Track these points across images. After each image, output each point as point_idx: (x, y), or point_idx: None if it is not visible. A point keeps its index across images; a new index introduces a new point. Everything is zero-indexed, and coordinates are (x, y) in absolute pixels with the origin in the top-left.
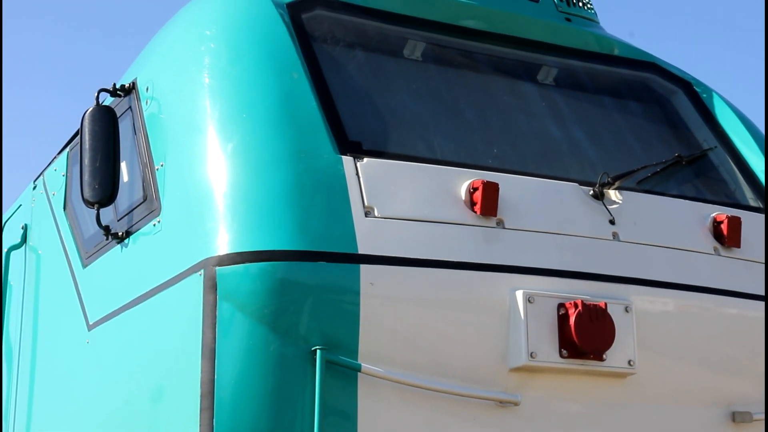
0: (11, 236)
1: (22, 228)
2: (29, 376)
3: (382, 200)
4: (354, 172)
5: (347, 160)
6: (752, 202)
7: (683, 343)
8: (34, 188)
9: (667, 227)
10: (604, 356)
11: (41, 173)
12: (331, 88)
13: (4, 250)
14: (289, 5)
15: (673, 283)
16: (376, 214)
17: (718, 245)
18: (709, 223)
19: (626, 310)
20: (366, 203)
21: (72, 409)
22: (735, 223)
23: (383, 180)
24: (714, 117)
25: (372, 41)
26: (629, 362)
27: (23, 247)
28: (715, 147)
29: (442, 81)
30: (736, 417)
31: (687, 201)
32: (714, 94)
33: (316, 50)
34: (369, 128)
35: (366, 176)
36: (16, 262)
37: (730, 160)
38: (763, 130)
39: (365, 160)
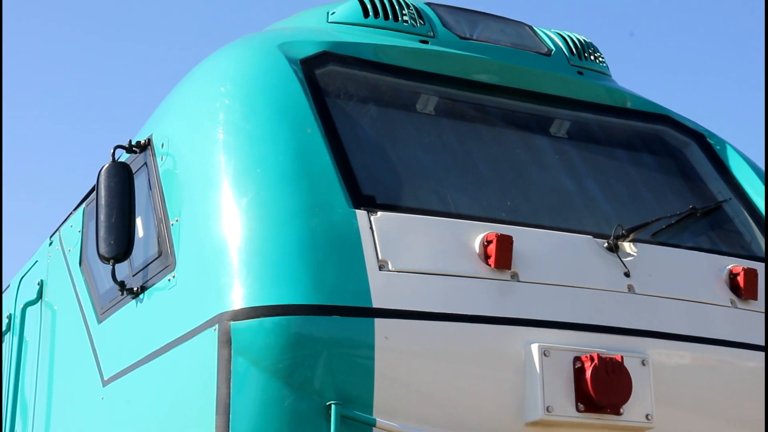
0: (27, 292)
1: (38, 284)
2: None
3: (396, 254)
4: (368, 225)
5: (361, 214)
6: None
7: (701, 397)
8: (50, 244)
9: (683, 280)
10: (622, 410)
11: (57, 229)
12: (345, 143)
13: (20, 306)
14: (302, 61)
15: (690, 336)
16: (390, 267)
17: (734, 297)
18: (725, 275)
19: (643, 364)
20: (380, 257)
21: None
22: (751, 275)
23: (397, 233)
24: (728, 169)
25: (385, 96)
26: (647, 416)
27: (39, 303)
28: (730, 199)
29: (455, 135)
30: None
31: (702, 253)
32: (727, 146)
33: (329, 105)
34: (383, 182)
35: (380, 230)
36: (31, 318)
37: (745, 212)
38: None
39: (379, 213)
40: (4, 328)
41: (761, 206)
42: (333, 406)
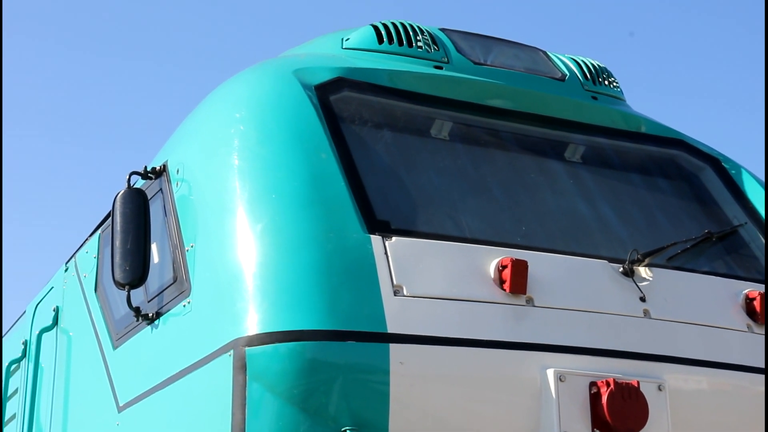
0: (43, 318)
1: (54, 310)
2: None
3: (410, 279)
4: (382, 251)
5: (376, 239)
6: None
7: (719, 423)
8: (66, 270)
9: (699, 304)
10: None
11: (73, 255)
12: (359, 168)
13: (36, 333)
14: (317, 87)
15: (706, 361)
16: (405, 292)
17: (751, 322)
18: (741, 299)
19: (659, 389)
20: (395, 282)
21: None
22: None
23: (412, 259)
24: (743, 193)
25: (399, 121)
26: None
27: (55, 329)
28: (746, 223)
29: (470, 160)
30: None
31: (718, 278)
32: (742, 170)
33: (344, 131)
34: (397, 207)
35: (394, 255)
36: (47, 344)
37: (761, 236)
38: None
39: (393, 239)
40: (20, 355)
41: None
42: (348, 431)
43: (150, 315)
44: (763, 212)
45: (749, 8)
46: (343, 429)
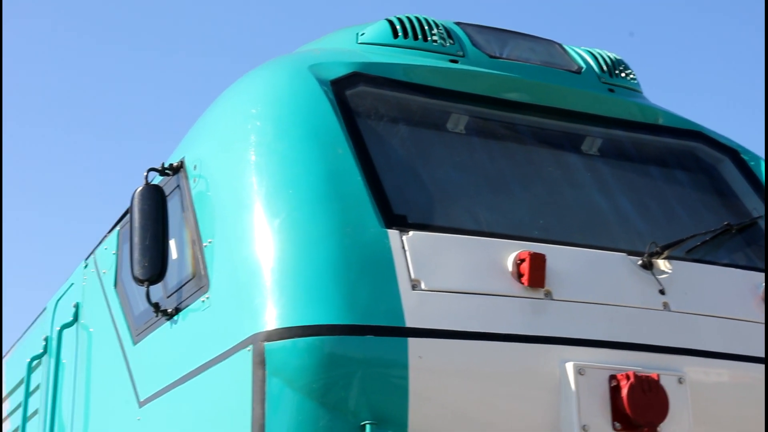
0: (63, 315)
1: (74, 306)
2: None
3: (428, 273)
4: (400, 245)
5: (393, 234)
6: None
7: (740, 416)
8: (86, 267)
9: (719, 297)
10: (659, 429)
11: (92, 252)
12: (376, 163)
13: (57, 328)
14: (332, 82)
15: (727, 353)
16: (423, 287)
17: None
18: (761, 291)
19: (680, 382)
20: (413, 276)
21: None
22: None
23: (429, 253)
24: (762, 184)
25: (415, 115)
26: None
27: (75, 325)
28: (765, 214)
29: (486, 153)
30: None
31: (738, 270)
32: (761, 162)
33: (360, 125)
34: (414, 201)
35: (412, 249)
36: (68, 340)
37: None
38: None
39: (411, 233)
40: (41, 351)
41: None
42: (367, 426)
43: (169, 311)
44: None
45: (749, 8)
46: (362, 423)
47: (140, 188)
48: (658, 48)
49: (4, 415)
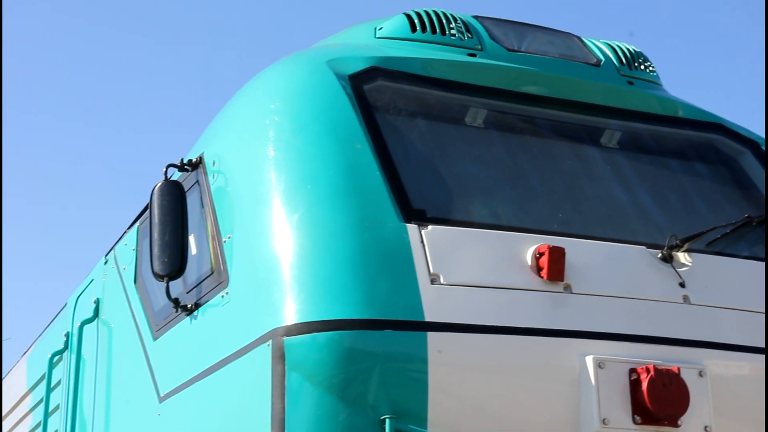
0: (84, 311)
1: (95, 302)
2: None
3: (447, 267)
4: (419, 239)
5: (412, 228)
6: None
7: (760, 408)
8: (106, 263)
9: (740, 289)
10: (679, 422)
11: (112, 248)
12: (394, 157)
13: (78, 324)
14: (351, 76)
15: (748, 346)
16: (442, 281)
17: None
18: None
19: (700, 375)
20: (431, 270)
21: None
22: None
23: (448, 247)
24: None
25: (434, 110)
26: (705, 428)
27: (96, 321)
28: None
29: (505, 147)
30: None
31: (759, 262)
32: None
33: (378, 120)
34: (433, 196)
35: (431, 243)
36: (89, 336)
37: None
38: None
39: (430, 227)
40: (62, 346)
41: None
42: (387, 420)
43: (189, 306)
44: None
45: (749, 8)
46: (382, 418)
47: (159, 184)
48: (658, 48)
49: (26, 410)
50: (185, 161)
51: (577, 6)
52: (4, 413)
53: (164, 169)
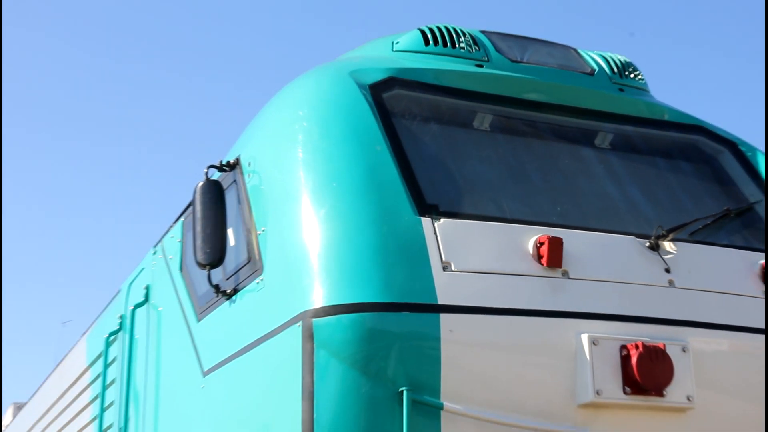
0: (136, 296)
1: (145, 288)
2: (153, 419)
3: (458, 256)
4: (432, 231)
5: (426, 221)
6: None
7: (737, 380)
8: (154, 253)
9: (719, 274)
10: (665, 392)
11: (160, 240)
12: (410, 158)
13: (130, 308)
14: (371, 86)
15: (726, 325)
16: (453, 268)
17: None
18: (757, 269)
19: (683, 351)
20: (444, 259)
21: None
22: None
23: (458, 238)
24: (758, 173)
25: (445, 115)
26: (688, 398)
27: (146, 305)
28: (761, 200)
29: (509, 148)
30: None
31: (736, 250)
32: (757, 152)
33: (395, 125)
34: (445, 192)
35: (443, 235)
36: (140, 318)
37: None
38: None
39: (442, 220)
40: (117, 328)
41: None
42: (405, 392)
43: (228, 291)
44: None
45: (750, 7)
46: (400, 389)
47: (201, 183)
48: (658, 48)
49: (86, 383)
50: (224, 163)
51: (578, 6)
52: (66, 386)
53: (205, 170)
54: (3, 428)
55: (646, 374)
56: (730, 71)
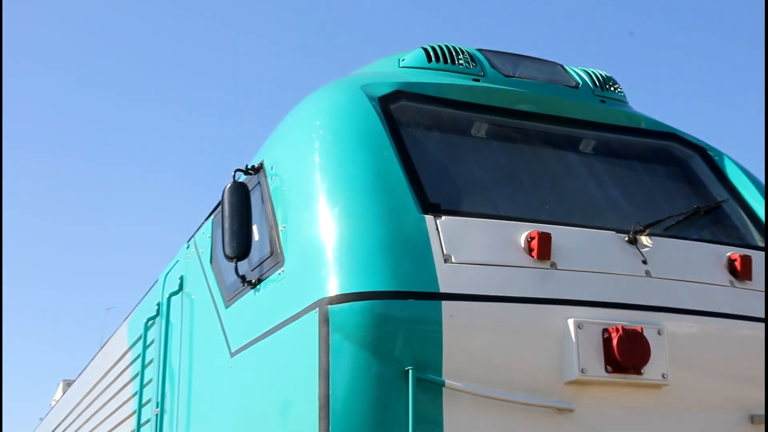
0: (171, 285)
1: (179, 278)
2: (187, 395)
3: (457, 249)
4: (434, 227)
5: (429, 218)
6: (760, 243)
7: (707, 359)
8: (188, 247)
9: (691, 265)
10: (642, 371)
11: (192, 235)
12: (415, 162)
13: (166, 296)
14: (380, 98)
15: (697, 310)
16: (453, 260)
17: (733, 279)
18: (724, 261)
19: (659, 333)
20: (445, 252)
21: (219, 420)
22: (746, 261)
23: (458, 233)
24: (725, 175)
25: (445, 124)
26: (663, 375)
27: (180, 293)
28: (728, 199)
29: (503, 153)
30: (754, 419)
31: (706, 243)
32: (725, 157)
33: (401, 133)
34: (445, 192)
35: (444, 231)
36: (175, 305)
37: (740, 210)
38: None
39: (443, 217)
40: (154, 313)
41: (753, 205)
42: (410, 371)
43: (253, 281)
44: (741, 190)
45: (750, 8)
46: (405, 368)
47: (229, 185)
48: (658, 47)
49: (127, 363)
50: (249, 167)
51: (579, 5)
52: (110, 365)
53: (233, 174)
54: (53, 403)
55: (626, 354)
56: (730, 72)
